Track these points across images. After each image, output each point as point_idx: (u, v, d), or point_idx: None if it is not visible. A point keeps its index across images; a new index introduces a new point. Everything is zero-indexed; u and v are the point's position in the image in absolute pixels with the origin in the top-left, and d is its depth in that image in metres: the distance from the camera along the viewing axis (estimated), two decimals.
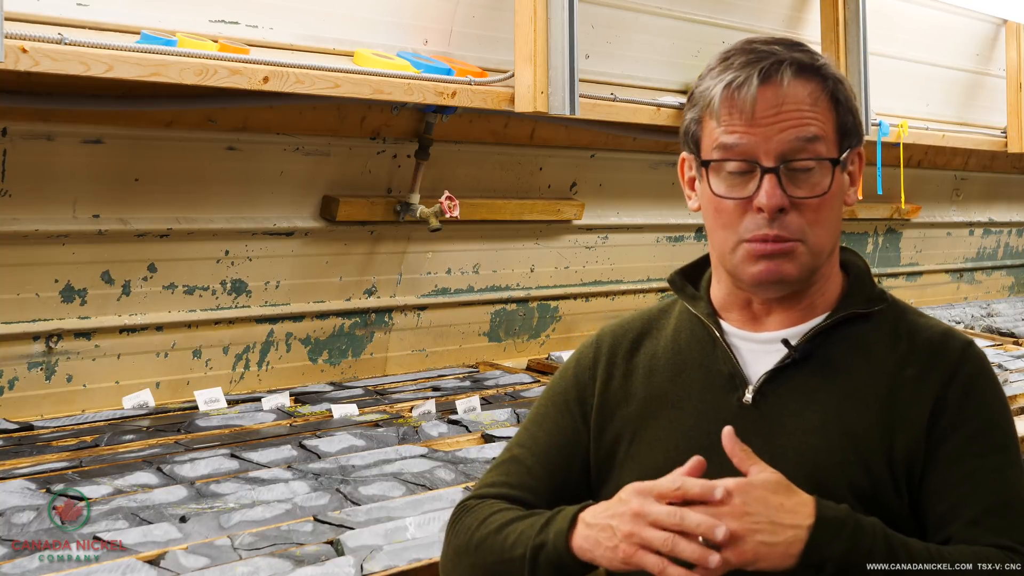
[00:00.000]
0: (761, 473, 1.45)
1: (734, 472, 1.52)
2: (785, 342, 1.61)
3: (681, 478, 1.45)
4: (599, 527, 1.49)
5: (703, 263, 1.75)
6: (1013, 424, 1.61)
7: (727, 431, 1.48)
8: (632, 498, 1.46)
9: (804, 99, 1.58)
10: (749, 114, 1.56)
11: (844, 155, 1.60)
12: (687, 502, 1.44)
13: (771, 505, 1.43)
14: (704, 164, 1.61)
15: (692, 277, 1.74)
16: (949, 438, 1.55)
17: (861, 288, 1.67)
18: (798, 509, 1.44)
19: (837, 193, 1.61)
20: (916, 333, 1.62)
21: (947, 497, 1.54)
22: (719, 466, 1.56)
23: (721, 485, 1.42)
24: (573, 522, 1.52)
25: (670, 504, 1.44)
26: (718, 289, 1.68)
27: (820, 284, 1.64)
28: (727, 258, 1.61)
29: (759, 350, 1.63)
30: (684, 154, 1.69)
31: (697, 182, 1.66)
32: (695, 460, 1.47)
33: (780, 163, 1.56)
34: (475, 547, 1.62)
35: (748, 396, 1.60)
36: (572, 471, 1.68)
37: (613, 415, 1.68)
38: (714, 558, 1.39)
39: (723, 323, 1.66)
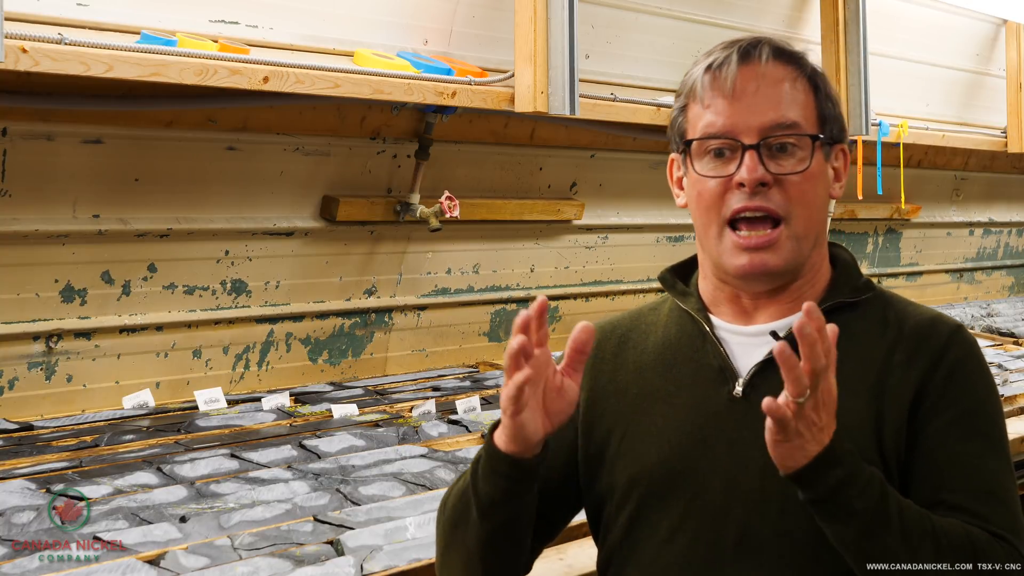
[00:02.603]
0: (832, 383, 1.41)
1: (727, 466, 1.53)
2: (773, 334, 1.59)
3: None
4: None
5: (693, 261, 1.76)
6: (999, 411, 1.60)
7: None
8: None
9: (782, 79, 1.61)
10: (729, 91, 1.60)
11: (825, 137, 1.63)
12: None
13: (825, 424, 1.41)
14: (687, 143, 1.63)
15: (683, 275, 1.75)
16: (931, 422, 1.55)
17: (848, 279, 1.67)
18: (828, 428, 1.42)
19: (820, 177, 1.62)
20: (905, 320, 1.63)
21: (928, 483, 1.53)
22: (711, 460, 1.57)
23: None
24: (496, 424, 1.53)
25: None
26: (706, 285, 1.69)
27: (809, 276, 1.65)
28: (713, 248, 1.63)
29: (748, 343, 1.63)
30: (672, 155, 1.71)
31: (684, 176, 1.68)
32: (540, 299, 1.48)
33: (761, 139, 1.58)
34: (441, 508, 1.66)
35: (738, 389, 1.60)
36: (556, 465, 1.67)
37: (603, 411, 1.68)
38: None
39: (713, 317, 1.67)
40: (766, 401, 1.38)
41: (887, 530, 1.43)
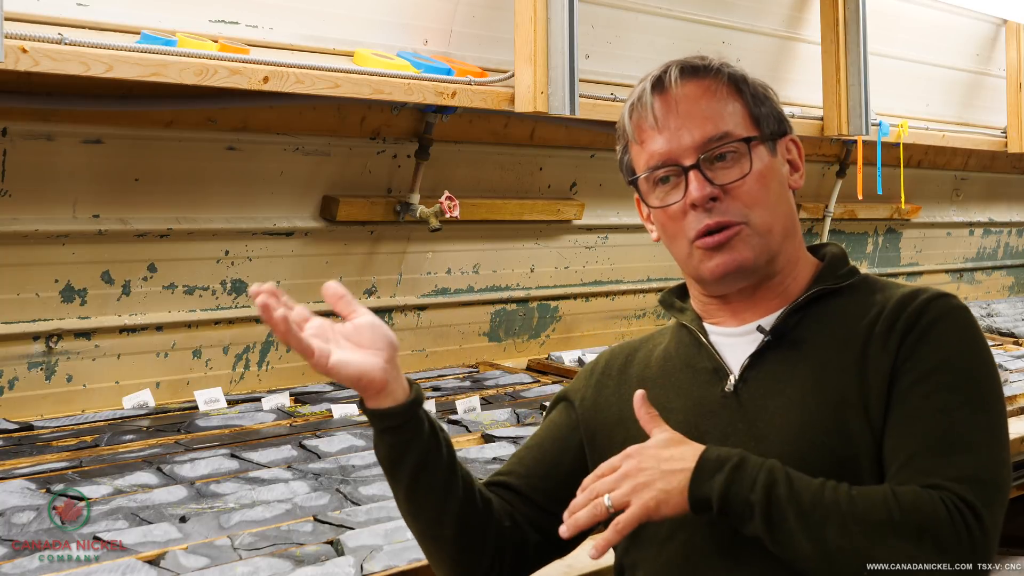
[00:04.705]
0: (660, 434, 1.53)
1: None
2: (760, 329, 1.65)
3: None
4: None
5: None
6: (981, 366, 1.56)
7: (638, 395, 1.56)
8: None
9: (699, 95, 1.66)
10: (653, 122, 1.66)
11: (761, 135, 1.66)
12: None
13: (662, 458, 1.50)
14: (632, 182, 1.70)
15: (681, 295, 1.81)
16: (899, 381, 1.54)
17: (833, 269, 1.70)
18: (686, 455, 1.50)
19: (769, 174, 1.66)
20: (891, 297, 1.64)
21: (889, 440, 1.53)
22: None
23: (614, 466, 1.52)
24: None
25: None
26: (696, 302, 1.75)
27: (788, 270, 1.68)
28: (688, 266, 1.68)
29: (738, 342, 1.67)
30: (636, 195, 1.75)
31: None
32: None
33: (698, 157, 1.62)
34: None
35: (730, 385, 1.64)
36: (563, 462, 1.75)
37: (604, 421, 1.74)
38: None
39: (707, 325, 1.72)
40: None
41: (784, 514, 1.45)
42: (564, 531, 1.52)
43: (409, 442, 1.59)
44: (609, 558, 1.77)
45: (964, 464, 1.47)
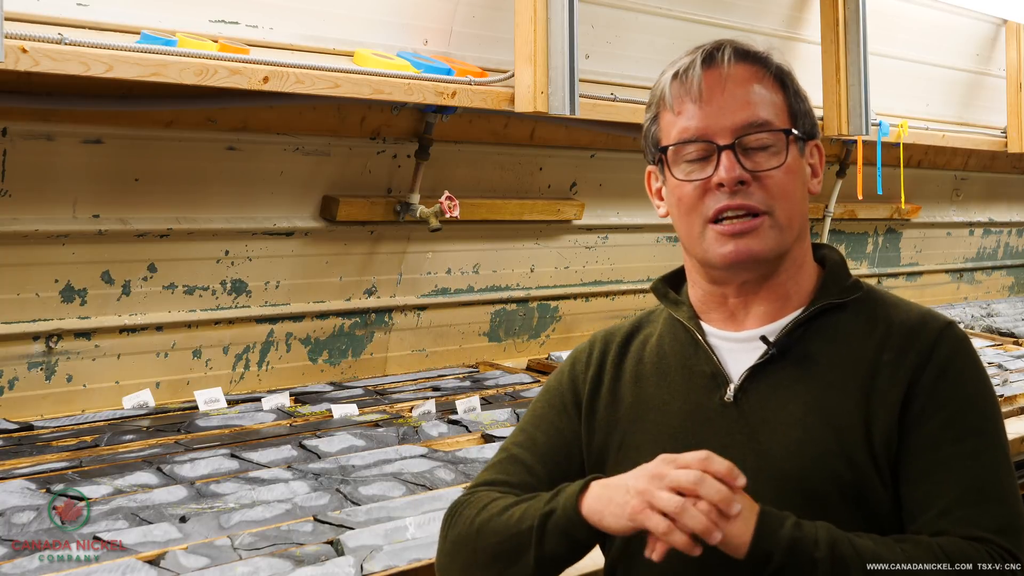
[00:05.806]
0: None
1: None
2: (763, 338, 1.63)
3: (708, 453, 1.46)
4: (614, 486, 1.50)
5: (684, 270, 1.78)
6: (993, 405, 1.59)
7: None
8: (656, 462, 1.47)
9: (748, 79, 1.64)
10: (697, 95, 1.63)
11: (799, 132, 1.65)
12: None
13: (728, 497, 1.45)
14: (662, 150, 1.66)
15: (675, 284, 1.77)
16: (924, 424, 1.55)
17: (836, 280, 1.69)
18: (745, 502, 1.46)
19: (797, 172, 1.64)
20: (894, 318, 1.63)
21: (920, 486, 1.53)
22: None
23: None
24: (585, 487, 1.54)
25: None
26: (695, 292, 1.71)
27: (793, 272, 1.66)
28: (696, 246, 1.64)
29: (739, 348, 1.65)
30: (649, 167, 1.73)
31: (663, 185, 1.71)
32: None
33: (735, 139, 1.60)
34: (476, 531, 1.62)
35: (730, 394, 1.62)
36: (571, 472, 1.69)
37: (603, 419, 1.71)
38: (717, 535, 1.41)
39: (704, 325, 1.69)
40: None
41: (848, 573, 1.44)
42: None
43: (584, 554, 1.59)
44: (603, 559, 1.76)
45: (1000, 514, 1.51)
